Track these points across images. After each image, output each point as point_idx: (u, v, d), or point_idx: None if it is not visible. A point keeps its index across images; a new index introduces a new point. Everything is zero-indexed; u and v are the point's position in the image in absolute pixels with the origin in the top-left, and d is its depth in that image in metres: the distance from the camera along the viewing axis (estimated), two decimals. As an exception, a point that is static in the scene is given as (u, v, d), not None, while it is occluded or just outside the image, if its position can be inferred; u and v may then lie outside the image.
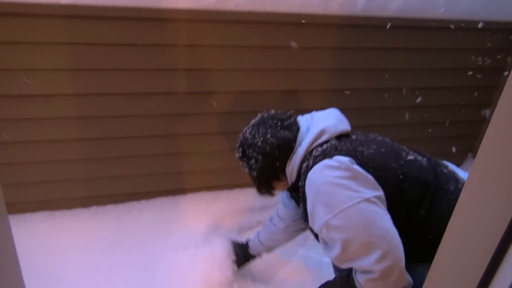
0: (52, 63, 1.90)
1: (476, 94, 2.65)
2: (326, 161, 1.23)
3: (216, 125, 2.28)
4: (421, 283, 0.98)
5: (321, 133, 1.35)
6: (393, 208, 1.20)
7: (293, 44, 2.13)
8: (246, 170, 1.48)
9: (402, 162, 1.29)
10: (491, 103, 2.72)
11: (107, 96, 2.04)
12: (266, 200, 2.48)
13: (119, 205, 2.33)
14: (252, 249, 1.89)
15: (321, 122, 1.39)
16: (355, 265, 1.19)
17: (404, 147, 1.41)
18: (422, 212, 1.25)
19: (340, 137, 1.36)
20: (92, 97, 2.03)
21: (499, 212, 0.70)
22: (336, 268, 1.51)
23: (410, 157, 1.34)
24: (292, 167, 1.37)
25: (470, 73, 2.53)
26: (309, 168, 1.26)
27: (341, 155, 1.24)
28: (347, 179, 1.18)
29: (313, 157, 1.29)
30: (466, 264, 0.80)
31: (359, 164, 1.22)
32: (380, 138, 1.41)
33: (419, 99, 2.53)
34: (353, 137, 1.37)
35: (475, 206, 0.77)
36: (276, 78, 2.23)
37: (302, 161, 1.34)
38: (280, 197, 1.80)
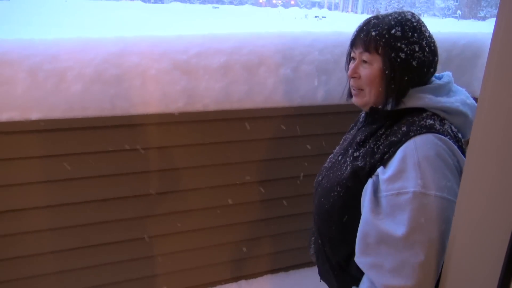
0: (24, 177, 1.89)
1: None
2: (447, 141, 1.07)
3: (192, 223, 2.25)
4: None
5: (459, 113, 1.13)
6: None
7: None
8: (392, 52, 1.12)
9: None
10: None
11: (79, 205, 2.01)
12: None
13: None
14: None
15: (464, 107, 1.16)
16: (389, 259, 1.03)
17: None
18: None
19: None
20: (65, 207, 1.99)
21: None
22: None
23: None
24: (418, 97, 1.12)
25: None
26: (424, 126, 1.08)
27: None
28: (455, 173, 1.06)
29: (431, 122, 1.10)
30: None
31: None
32: None
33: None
34: None
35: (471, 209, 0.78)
36: (249, 171, 2.27)
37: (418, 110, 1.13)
38: None
